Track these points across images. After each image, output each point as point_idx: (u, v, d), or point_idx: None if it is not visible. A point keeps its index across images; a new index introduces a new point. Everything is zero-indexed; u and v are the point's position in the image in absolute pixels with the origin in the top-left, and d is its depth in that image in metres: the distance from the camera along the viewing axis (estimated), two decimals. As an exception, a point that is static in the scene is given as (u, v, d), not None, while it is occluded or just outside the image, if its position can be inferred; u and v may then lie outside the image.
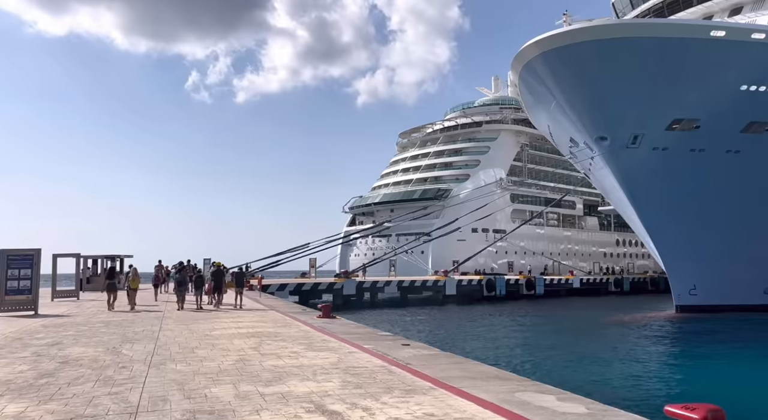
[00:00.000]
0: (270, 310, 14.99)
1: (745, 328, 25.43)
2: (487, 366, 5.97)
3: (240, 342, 8.38)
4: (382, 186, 68.34)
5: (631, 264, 73.98)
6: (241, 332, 9.71)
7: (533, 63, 28.30)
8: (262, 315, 13.51)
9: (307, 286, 36.71)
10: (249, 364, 6.32)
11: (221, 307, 16.76)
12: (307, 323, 11.13)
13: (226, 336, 9.18)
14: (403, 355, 6.77)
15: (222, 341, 8.48)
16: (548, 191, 67.61)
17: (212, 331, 9.90)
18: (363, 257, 59.52)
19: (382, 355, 6.82)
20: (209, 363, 6.43)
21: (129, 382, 5.45)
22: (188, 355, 7.05)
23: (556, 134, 34.61)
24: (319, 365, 6.19)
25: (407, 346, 7.55)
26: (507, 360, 14.49)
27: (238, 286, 17.57)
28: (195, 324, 11.24)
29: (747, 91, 26.67)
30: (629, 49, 25.49)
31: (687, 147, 28.76)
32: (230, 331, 9.86)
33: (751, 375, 14.51)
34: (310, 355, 7.02)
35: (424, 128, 74.35)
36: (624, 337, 21.74)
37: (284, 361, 6.48)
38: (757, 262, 31.21)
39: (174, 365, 6.26)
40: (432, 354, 6.94)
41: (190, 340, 8.58)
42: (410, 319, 28.95)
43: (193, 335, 9.32)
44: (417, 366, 6.02)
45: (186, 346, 7.99)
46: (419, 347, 7.52)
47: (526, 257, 62.25)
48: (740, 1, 32.44)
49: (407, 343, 7.74)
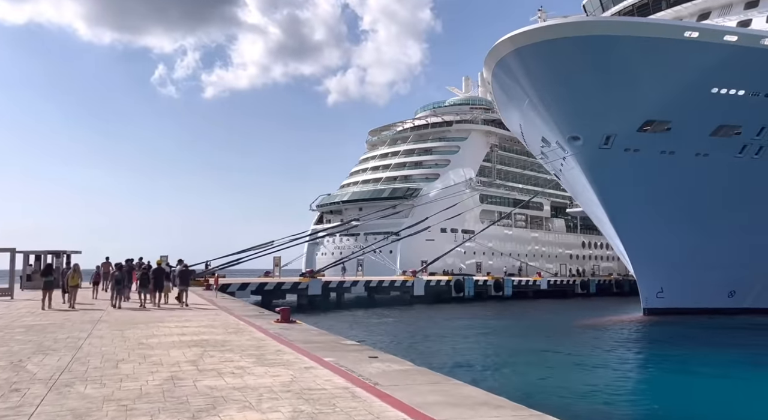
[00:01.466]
0: (224, 313, 13.67)
1: (709, 333, 25.33)
2: (471, 387, 4.94)
3: (178, 353, 7.12)
4: (351, 184, 67.11)
5: (596, 266, 74.75)
6: (184, 340, 8.44)
7: (507, 60, 27.63)
8: (213, 318, 12.21)
9: (270, 286, 35.24)
10: (180, 384, 5.13)
11: (162, 306, 16.01)
12: (262, 329, 9.91)
13: (164, 345, 7.90)
14: (371, 372, 5.70)
15: (157, 352, 7.22)
16: (516, 192, 67.64)
17: (149, 338, 8.60)
18: (330, 256, 58.20)
19: (345, 372, 5.72)
20: (130, 384, 5.19)
21: (11, 413, 4.19)
22: (108, 372, 5.78)
23: (527, 134, 34.11)
24: (267, 386, 5.04)
25: (375, 359, 6.47)
26: (480, 370, 13.57)
27: (182, 285, 16.68)
28: (133, 329, 9.88)
29: (717, 93, 26.61)
30: (604, 47, 25.07)
31: (658, 149, 28.60)
32: (171, 339, 8.58)
33: (720, 384, 14.06)
34: (259, 371, 5.86)
35: (394, 126, 73.45)
36: (596, 343, 21.21)
37: (225, 381, 5.31)
38: (721, 266, 31.38)
39: (83, 387, 5.00)
40: (404, 370, 5.88)
41: (119, 351, 7.28)
42: (377, 321, 27.91)
43: (125, 344, 8.01)
44: (387, 387, 4.95)
45: (111, 358, 6.70)
46: (389, 361, 6.45)
47: (494, 258, 62.03)
48: (708, 6, 32.61)
49: (375, 355, 6.66)
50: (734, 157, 28.90)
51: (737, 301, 32.88)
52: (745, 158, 29.00)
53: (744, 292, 32.84)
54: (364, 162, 70.12)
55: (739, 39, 25.04)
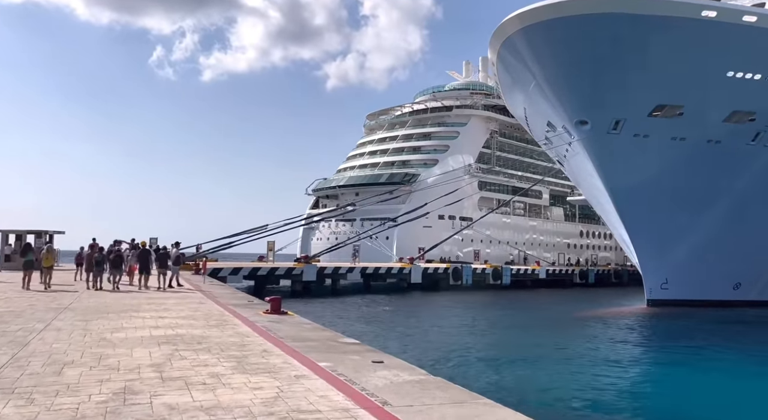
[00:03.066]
0: (209, 301, 12.52)
1: (716, 327, 24.42)
2: (506, 410, 3.83)
3: (143, 354, 5.96)
4: (347, 168, 65.80)
5: (594, 255, 74.00)
6: (155, 335, 7.28)
7: (513, 39, 26.32)
8: (196, 307, 11.05)
9: (264, 271, 34.13)
10: (132, 401, 3.98)
11: (144, 290, 15.70)
12: (249, 322, 8.76)
13: (130, 342, 6.74)
14: (376, 384, 4.58)
15: (118, 352, 6.05)
16: (516, 180, 66.54)
17: (115, 332, 7.44)
18: (325, 242, 57.08)
19: (345, 384, 4.60)
20: (66, 399, 4.02)
21: None
22: (45, 381, 4.62)
23: (532, 118, 32.89)
24: (244, 406, 3.91)
25: (380, 365, 5.35)
26: (487, 370, 12.53)
27: (160, 268, 16.26)
28: (100, 320, 8.69)
29: (733, 77, 25.45)
30: (616, 25, 23.80)
31: (669, 135, 27.48)
32: (140, 334, 7.41)
33: (726, 381, 13.19)
34: (237, 381, 4.72)
35: (392, 110, 71.94)
36: (602, 336, 20.22)
37: (191, 397, 4.17)
38: (728, 257, 30.50)
39: (1, 405, 3.85)
40: (417, 381, 4.76)
41: (72, 350, 6.11)
42: (375, 310, 26.86)
43: (83, 340, 6.83)
44: (400, 409, 3.83)
45: (58, 360, 5.53)
46: (397, 367, 5.33)
47: (492, 246, 61.09)
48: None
49: (379, 360, 5.54)
50: (747, 145, 27.83)
51: (743, 293, 32.06)
52: (758, 146, 27.93)
53: (749, 284, 32.01)
54: (362, 146, 68.75)
55: (759, 20, 23.80)
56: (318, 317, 20.68)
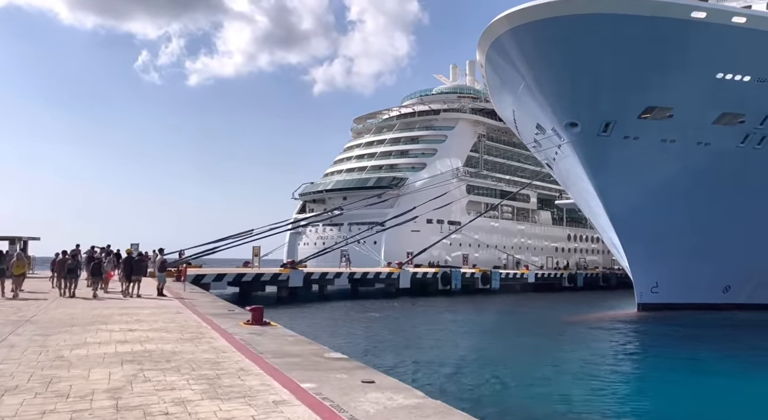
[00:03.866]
0: (187, 310, 11.79)
1: (705, 330, 24.12)
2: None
3: (101, 375, 5.27)
4: (335, 172, 65.15)
5: (582, 259, 74.02)
6: (120, 352, 6.57)
7: (502, 40, 25.94)
8: (171, 317, 10.32)
9: (249, 277, 33.27)
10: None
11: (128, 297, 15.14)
12: (227, 334, 8.08)
13: (91, 360, 6.02)
14: (367, 410, 3.97)
15: (73, 373, 5.34)
16: (504, 183, 66.35)
17: (76, 348, 6.71)
18: (312, 246, 56.29)
19: (331, 410, 3.98)
20: (-5, 438, 3.38)
21: None
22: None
23: (520, 120, 32.54)
24: (209, 443, 3.28)
25: (371, 385, 4.74)
26: (482, 383, 11.95)
27: (135, 274, 15.74)
28: (62, 334, 7.92)
29: (722, 79, 25.29)
30: (606, 25, 23.52)
31: (659, 137, 27.25)
32: (104, 350, 6.69)
33: (719, 387, 12.81)
34: (205, 410, 4.07)
35: (380, 114, 71.51)
36: (595, 342, 19.77)
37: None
38: (718, 260, 30.34)
39: None
40: (413, 405, 4.16)
41: (20, 371, 5.39)
42: (363, 317, 26.14)
43: (37, 358, 6.10)
44: (394, 445, 3.23)
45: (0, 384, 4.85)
46: (390, 387, 4.72)
47: (480, 250, 60.75)
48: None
49: (370, 379, 4.92)
50: (736, 147, 27.69)
51: (732, 296, 31.91)
52: (747, 148, 27.80)
53: (739, 287, 31.87)
54: (349, 150, 68.15)
55: (748, 21, 23.66)
56: (304, 326, 19.97)
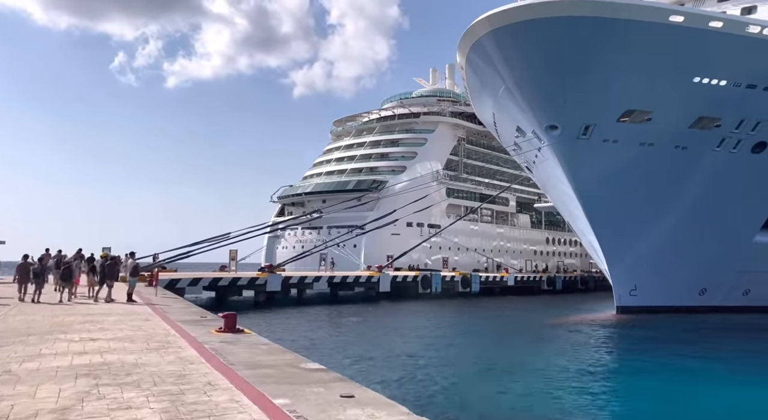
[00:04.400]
0: (156, 317, 11.22)
1: (682, 334, 24.21)
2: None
3: (50, 391, 4.76)
4: (314, 175, 64.57)
5: (561, 262, 74.63)
6: (77, 364, 6.04)
7: (483, 42, 25.84)
8: (138, 325, 9.76)
9: (225, 281, 32.53)
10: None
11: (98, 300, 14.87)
12: (196, 343, 7.58)
13: (41, 374, 5.48)
14: (343, 427, 3.57)
15: (20, 390, 4.81)
16: (483, 187, 66.54)
17: (28, 361, 6.16)
18: (291, 250, 55.58)
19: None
20: None
21: None
22: None
23: (501, 123, 32.50)
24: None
25: (350, 401, 4.34)
26: (476, 399, 11.60)
27: (109, 279, 15.34)
28: (16, 344, 7.31)
29: (699, 83, 25.55)
30: (585, 28, 23.57)
31: (637, 140, 27.42)
32: (59, 362, 6.14)
33: (698, 391, 12.74)
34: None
35: (360, 117, 71.22)
36: (575, 345, 19.62)
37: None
38: (694, 263, 30.66)
39: None
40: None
41: (-38, 386, 4.89)
42: (343, 322, 25.67)
43: (-17, 370, 5.59)
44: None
45: (-67, 403, 4.32)
46: (371, 403, 4.32)
47: (460, 253, 60.73)
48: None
49: (349, 394, 4.52)
50: (712, 151, 28.01)
51: (708, 299, 32.28)
52: (722, 152, 28.13)
53: (714, 290, 32.24)
54: (329, 153, 67.66)
55: (725, 25, 23.95)
56: (280, 333, 19.42)
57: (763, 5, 28.37)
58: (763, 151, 28.22)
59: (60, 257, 20.49)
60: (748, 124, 27.18)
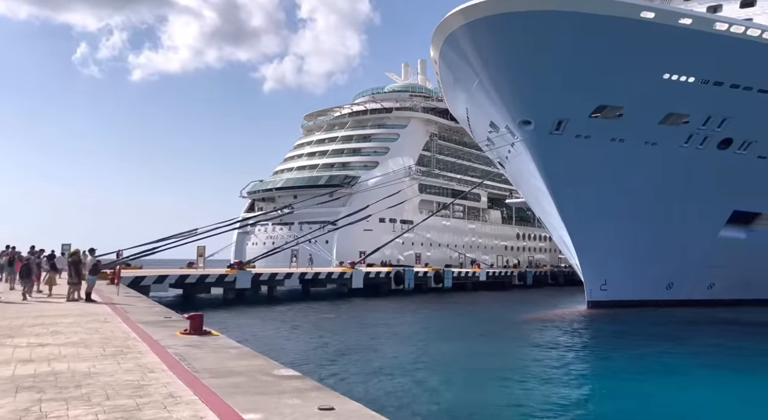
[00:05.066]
0: (116, 318, 10.53)
1: (651, 328, 24.50)
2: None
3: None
4: (285, 170, 63.59)
5: (531, 257, 75.47)
6: (20, 374, 5.38)
7: (457, 35, 25.55)
8: (97, 327, 9.08)
9: (192, 279, 31.57)
10: None
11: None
12: (159, 347, 7.01)
13: (-24, 385, 4.91)
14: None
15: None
16: (455, 183, 66.69)
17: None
18: (261, 246, 54.61)
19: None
20: None
21: None
22: None
23: (474, 118, 32.35)
24: None
25: (330, 414, 3.90)
26: (454, 396, 11.28)
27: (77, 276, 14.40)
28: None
29: (669, 79, 25.83)
30: (559, 23, 23.54)
31: (609, 136, 27.62)
32: (-1, 371, 5.54)
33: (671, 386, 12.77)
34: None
35: (331, 111, 70.41)
36: (556, 343, 19.51)
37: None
38: (661, 258, 31.15)
39: None
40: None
41: None
42: (316, 319, 25.07)
43: None
44: None
45: None
46: (354, 417, 3.89)
47: (432, 249, 60.77)
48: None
49: (329, 406, 4.07)
50: (680, 147, 28.42)
51: (674, 293, 32.86)
52: (690, 148, 28.58)
53: (681, 284, 32.85)
54: (300, 147, 66.72)
55: (694, 22, 24.22)
56: (250, 333, 18.76)
57: (728, 4, 28.90)
58: (728, 147, 28.77)
59: (13, 254, 19.40)
60: (714, 120, 27.64)
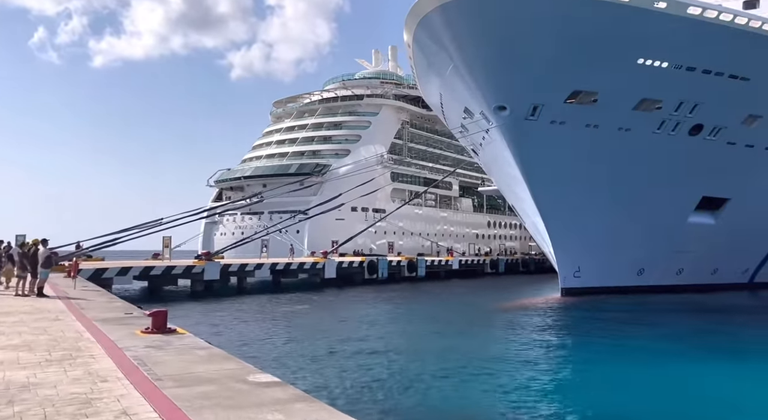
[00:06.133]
0: (70, 315, 9.56)
1: (630, 315, 24.56)
2: None
3: None
4: (253, 158, 62.00)
5: (502, 245, 75.93)
6: (-62, 386, 4.57)
7: (431, 18, 24.81)
8: (46, 326, 8.13)
9: (158, 271, 30.28)
10: None
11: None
12: (115, 349, 6.15)
13: None
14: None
15: None
16: (427, 171, 66.30)
17: None
18: (230, 236, 53.20)
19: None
20: None
21: None
22: None
23: (448, 105, 31.78)
24: None
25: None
26: (437, 391, 10.69)
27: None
28: None
29: (642, 64, 25.70)
30: (532, 4, 23.10)
31: (583, 122, 27.43)
32: None
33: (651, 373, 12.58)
34: None
35: (301, 98, 68.95)
36: (536, 331, 19.22)
37: None
38: (632, 244, 31.37)
39: None
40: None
41: None
42: (289, 312, 24.18)
43: None
44: None
45: None
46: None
47: (405, 238, 60.38)
48: None
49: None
50: (653, 133, 28.46)
51: (645, 278, 33.24)
52: (662, 134, 28.65)
53: (651, 269, 33.23)
54: (269, 135, 65.14)
55: (668, 6, 24.06)
56: (220, 329, 17.77)
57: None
58: (699, 133, 28.97)
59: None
60: (686, 106, 27.73)
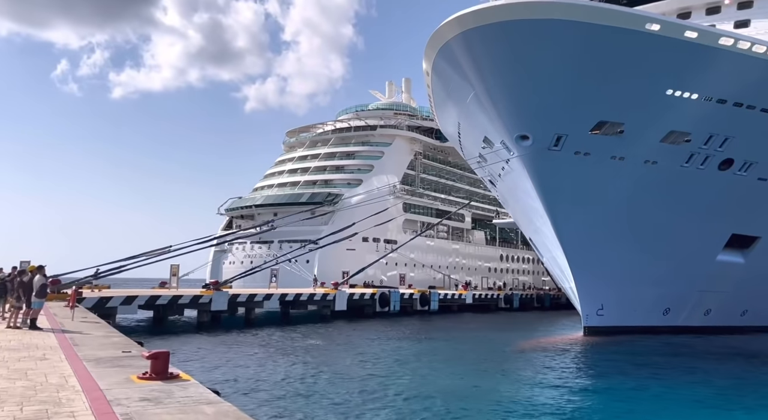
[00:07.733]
0: (59, 352, 8.47)
1: (658, 358, 22.92)
2: None
3: None
4: (265, 187, 61.49)
5: (515, 279, 74.23)
6: None
7: (451, 45, 24.21)
8: (29, 366, 7.04)
9: (164, 300, 29.17)
10: None
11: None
12: (103, 401, 5.06)
13: None
14: None
15: None
16: (440, 202, 65.41)
17: None
18: (239, 265, 52.13)
19: None
20: None
21: None
22: None
23: (466, 134, 30.97)
24: None
25: None
26: None
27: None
28: None
29: (672, 96, 24.84)
30: (561, 33, 22.39)
31: (609, 153, 26.42)
32: None
33: None
34: None
35: (314, 128, 68.88)
36: (562, 375, 17.79)
37: None
38: (659, 282, 29.96)
39: None
40: None
41: None
42: (303, 347, 22.62)
43: None
44: None
45: None
46: None
47: (416, 270, 59.05)
48: (689, 5, 30.90)
49: None
50: (681, 167, 27.38)
51: (671, 319, 31.69)
52: (690, 168, 27.56)
53: (678, 309, 31.69)
54: (281, 164, 64.79)
55: (699, 36, 23.32)
56: (229, 369, 16.31)
57: (758, 20, 28.15)
58: (729, 168, 27.85)
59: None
60: (716, 140, 26.71)
